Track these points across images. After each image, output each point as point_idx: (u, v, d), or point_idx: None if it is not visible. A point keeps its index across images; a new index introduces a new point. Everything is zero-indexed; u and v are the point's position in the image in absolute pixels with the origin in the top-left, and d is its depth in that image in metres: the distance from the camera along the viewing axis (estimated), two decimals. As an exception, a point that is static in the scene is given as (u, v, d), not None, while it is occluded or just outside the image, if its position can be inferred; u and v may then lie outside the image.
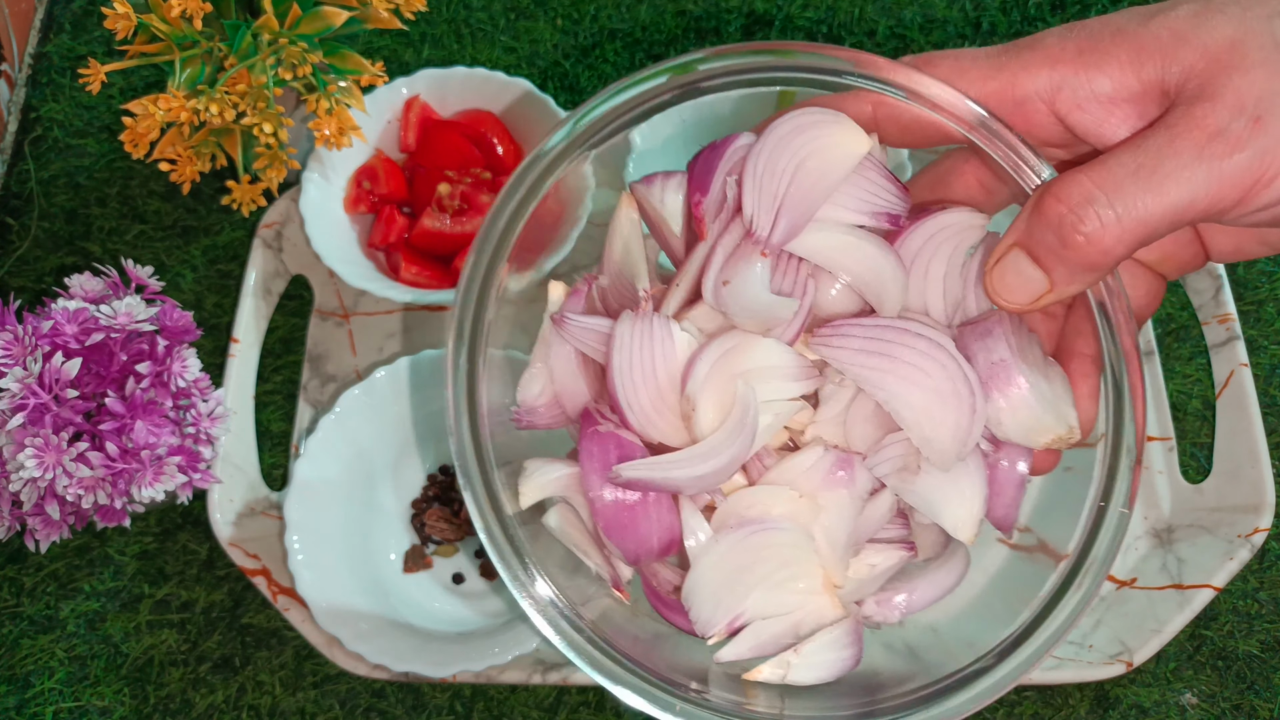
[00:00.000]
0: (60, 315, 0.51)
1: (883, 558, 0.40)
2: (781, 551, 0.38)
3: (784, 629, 0.38)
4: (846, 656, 0.39)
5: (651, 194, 0.40)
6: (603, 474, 0.37)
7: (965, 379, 0.36)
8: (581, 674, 0.56)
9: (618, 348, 0.38)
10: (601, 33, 0.76)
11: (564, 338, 0.40)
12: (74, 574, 0.61)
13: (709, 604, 0.38)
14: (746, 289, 0.37)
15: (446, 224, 0.63)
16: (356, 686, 0.58)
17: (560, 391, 0.40)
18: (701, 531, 0.38)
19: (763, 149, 0.37)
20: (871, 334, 0.37)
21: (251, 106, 0.56)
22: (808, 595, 0.38)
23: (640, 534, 0.38)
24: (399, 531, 0.61)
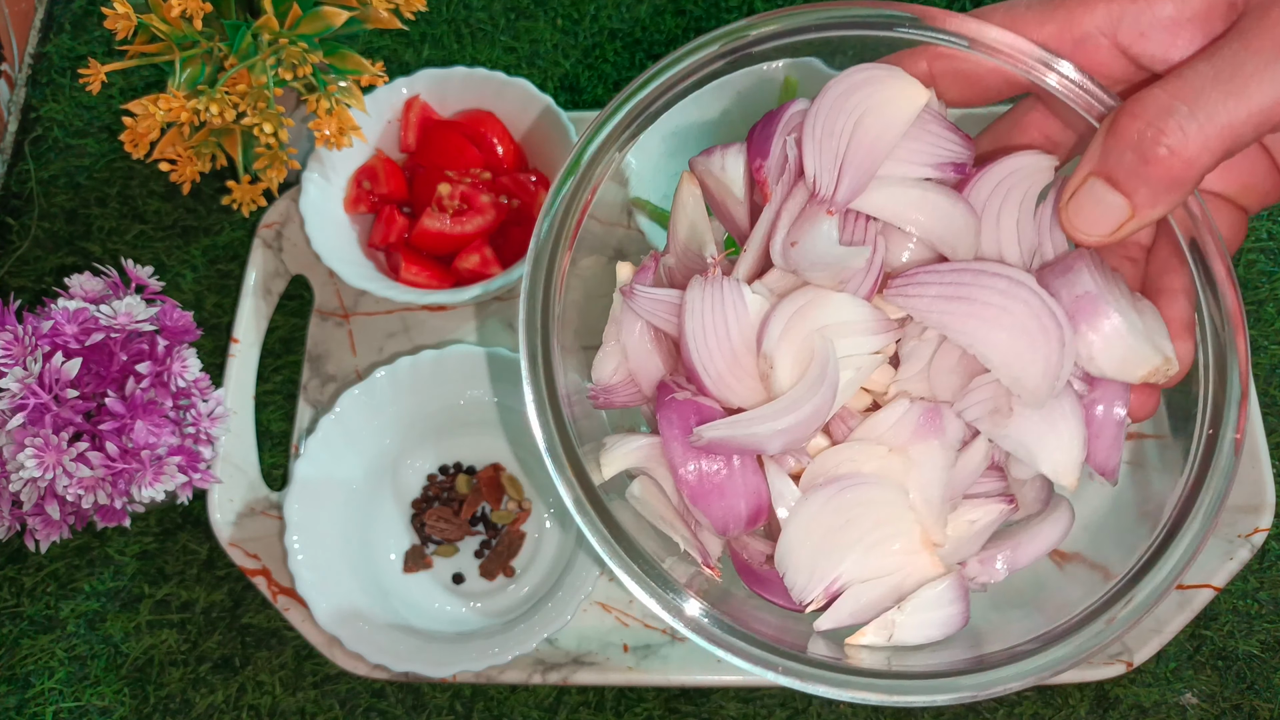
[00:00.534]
0: (60, 315, 0.51)
1: (982, 513, 0.38)
2: (875, 509, 0.37)
3: (884, 593, 0.37)
4: (954, 614, 0.37)
5: (712, 164, 0.40)
6: (684, 440, 0.36)
7: (1050, 313, 0.35)
8: (582, 674, 0.56)
9: (690, 313, 0.37)
10: (601, 33, 0.76)
11: (635, 311, 0.39)
12: (74, 574, 0.61)
13: (804, 569, 0.37)
14: (815, 246, 0.36)
15: (446, 224, 0.63)
16: (356, 686, 0.58)
17: (635, 368, 0.40)
18: (790, 493, 0.37)
19: (819, 109, 0.37)
20: (948, 279, 0.36)
21: (252, 107, 0.56)
22: (906, 555, 0.37)
23: (727, 500, 0.37)
24: (399, 531, 0.61)
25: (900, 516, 0.37)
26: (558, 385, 0.38)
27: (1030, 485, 0.39)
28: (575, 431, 0.38)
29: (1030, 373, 0.35)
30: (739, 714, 0.57)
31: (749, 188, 0.40)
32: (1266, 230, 0.68)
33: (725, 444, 0.37)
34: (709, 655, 0.56)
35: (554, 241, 0.39)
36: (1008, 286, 0.36)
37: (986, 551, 0.39)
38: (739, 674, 0.56)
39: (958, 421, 0.37)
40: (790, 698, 0.58)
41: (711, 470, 0.37)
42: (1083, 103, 0.36)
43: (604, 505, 0.37)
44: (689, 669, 0.56)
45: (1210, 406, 0.36)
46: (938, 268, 0.37)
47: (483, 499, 0.61)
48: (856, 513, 0.37)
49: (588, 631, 0.58)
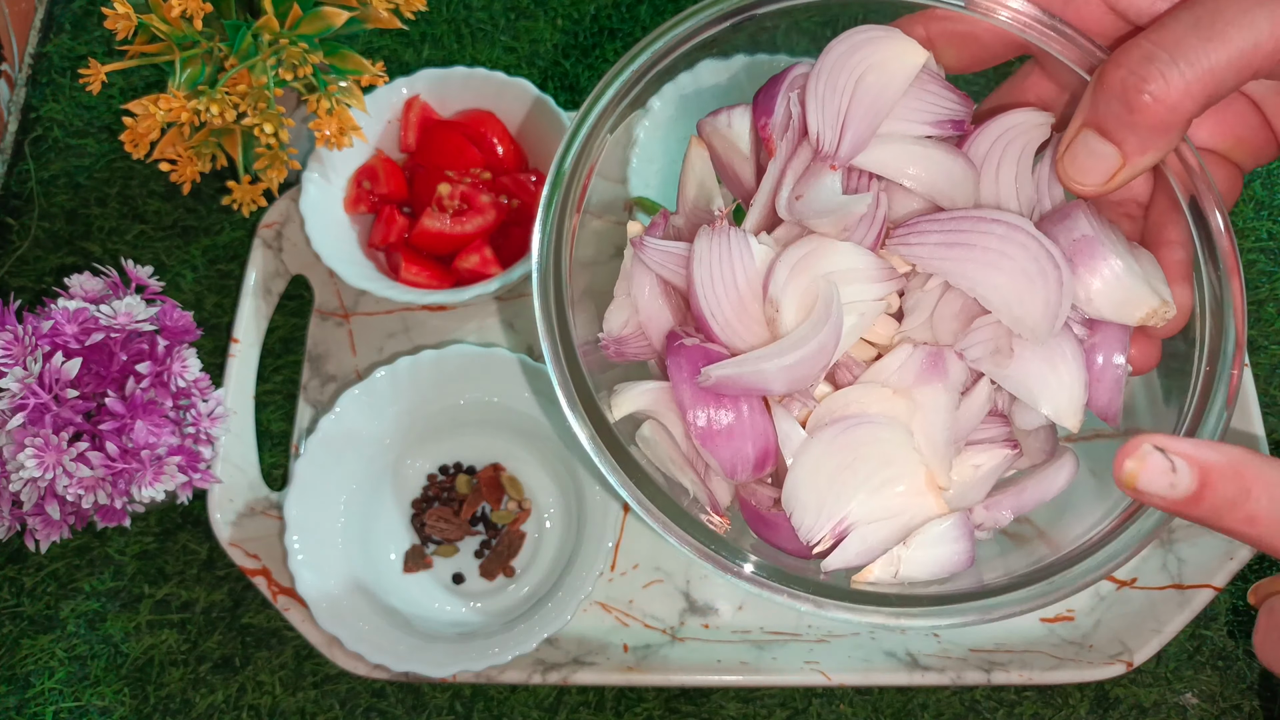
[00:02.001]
0: (60, 315, 0.51)
1: (986, 457, 0.39)
2: (881, 448, 0.37)
3: (891, 533, 0.38)
4: (958, 551, 0.38)
5: (719, 123, 0.41)
6: (693, 383, 0.37)
7: (1048, 254, 0.36)
8: (582, 674, 0.56)
9: (698, 262, 0.38)
10: (601, 33, 0.76)
11: (645, 263, 0.40)
12: (74, 574, 0.61)
13: (811, 509, 0.37)
14: (819, 197, 0.38)
15: (446, 224, 0.63)
16: (356, 686, 0.58)
17: (645, 320, 0.41)
18: (797, 436, 0.38)
19: (822, 68, 0.38)
20: (947, 227, 0.37)
21: (252, 107, 0.56)
22: (912, 496, 0.38)
23: (735, 443, 0.38)
24: (399, 531, 0.61)
25: (906, 457, 0.38)
26: (571, 333, 0.38)
27: (1035, 436, 0.40)
28: (591, 380, 0.38)
29: (1030, 312, 0.36)
30: (739, 714, 0.57)
31: (755, 146, 0.41)
32: (1267, 230, 0.68)
33: (732, 383, 0.37)
34: (708, 655, 0.57)
35: (564, 197, 0.39)
36: (1005, 231, 0.37)
37: (992, 498, 0.40)
38: (739, 674, 0.56)
39: (960, 364, 0.38)
40: (790, 698, 0.58)
41: (720, 413, 0.38)
42: (1076, 59, 0.37)
43: (620, 444, 0.37)
44: (689, 669, 0.56)
45: (1207, 347, 0.37)
46: (937, 216, 0.38)
47: (483, 499, 0.61)
48: (862, 452, 0.37)
49: (588, 631, 0.58)
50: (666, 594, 0.59)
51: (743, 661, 0.56)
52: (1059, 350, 0.37)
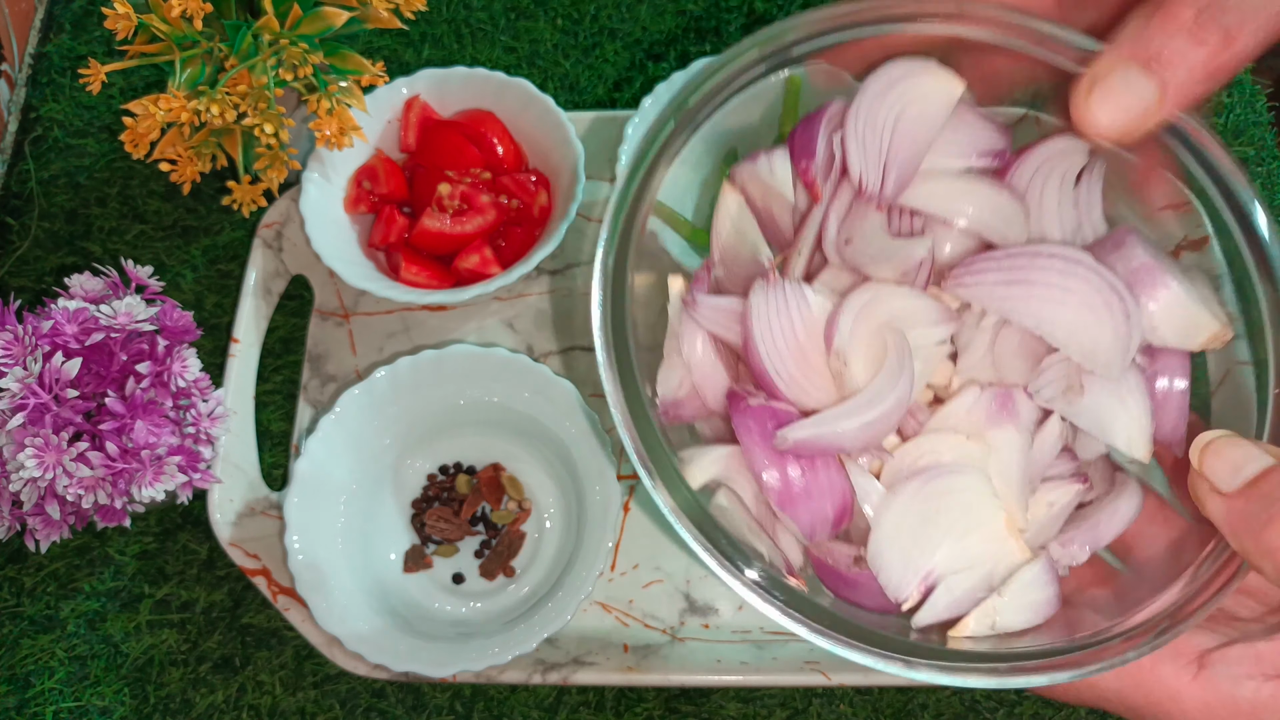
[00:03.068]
0: (60, 315, 0.51)
1: (1059, 494, 0.39)
2: (962, 496, 0.37)
3: (975, 582, 0.37)
4: (1050, 596, 0.37)
5: (758, 169, 0.40)
6: (765, 446, 0.36)
7: (1111, 287, 0.36)
8: (582, 674, 0.56)
9: (755, 318, 0.37)
10: (601, 32, 0.76)
11: (696, 321, 0.39)
12: (74, 574, 0.61)
13: (898, 564, 0.36)
14: (871, 241, 0.37)
15: (446, 224, 0.63)
16: (356, 686, 0.58)
17: (699, 380, 0.39)
18: (875, 491, 0.37)
19: (859, 107, 0.38)
20: (1005, 264, 0.37)
21: (252, 107, 0.56)
22: (994, 542, 0.37)
23: (814, 503, 0.37)
24: (399, 531, 0.61)
25: (986, 503, 0.37)
26: (644, 401, 0.36)
27: (1094, 468, 0.40)
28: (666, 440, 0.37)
29: (1101, 347, 0.36)
30: (739, 714, 0.57)
31: (797, 191, 0.40)
32: (1266, 230, 0.68)
33: (810, 444, 0.36)
34: (708, 655, 0.57)
35: (619, 257, 0.38)
36: (1065, 265, 0.36)
37: (1065, 534, 0.39)
38: (738, 674, 0.56)
39: (1029, 403, 0.37)
40: (790, 698, 0.58)
41: (796, 474, 0.37)
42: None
43: (707, 513, 0.35)
44: (689, 669, 0.56)
45: (1271, 369, 0.37)
46: (993, 255, 0.37)
47: (483, 499, 0.61)
48: (944, 502, 0.37)
49: (588, 631, 0.58)
50: (666, 594, 0.59)
51: (743, 661, 0.57)
52: (1125, 382, 0.37)
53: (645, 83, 0.74)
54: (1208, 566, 0.36)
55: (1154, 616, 0.35)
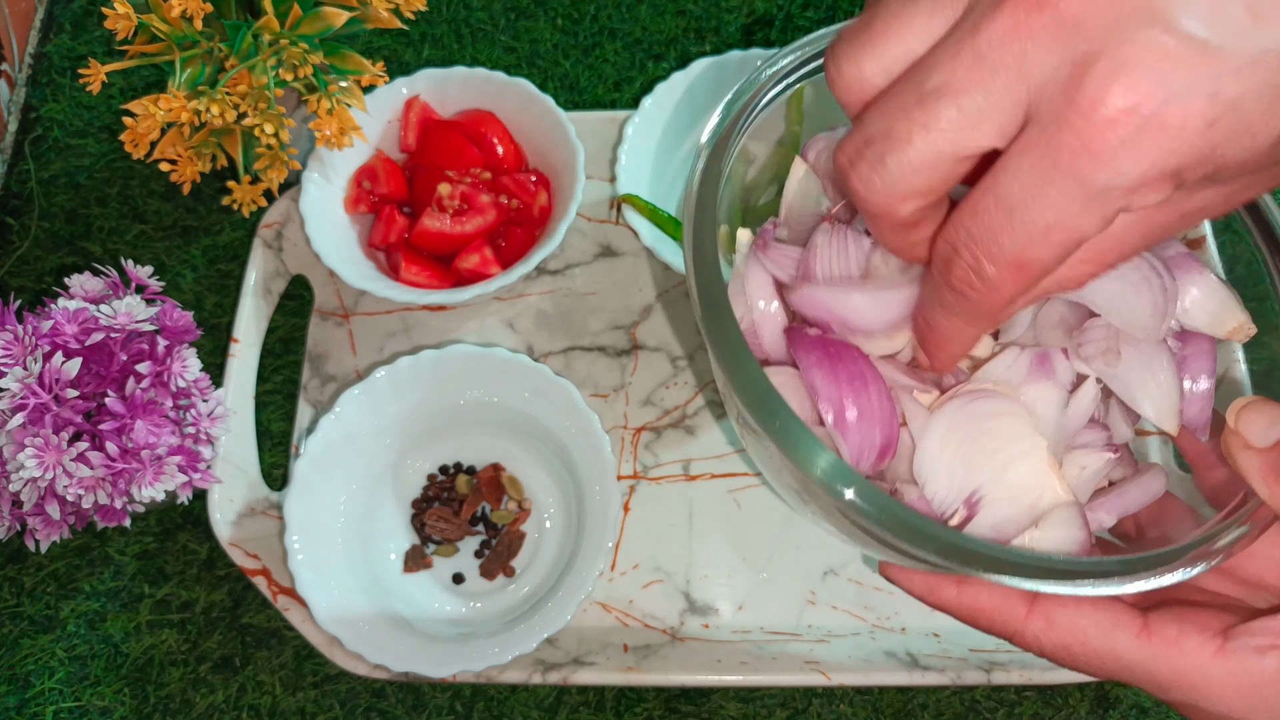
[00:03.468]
0: (60, 315, 0.51)
1: (1091, 459, 0.40)
2: (1004, 422, 0.38)
3: (1020, 510, 0.38)
4: (1081, 536, 0.39)
5: (834, 140, 0.43)
6: (822, 369, 0.38)
7: (1151, 265, 0.38)
8: (582, 674, 0.56)
9: (819, 254, 0.40)
10: (601, 33, 0.76)
11: (761, 264, 0.42)
12: (74, 574, 0.61)
13: (943, 480, 0.38)
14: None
15: (447, 224, 0.63)
16: (356, 686, 0.58)
17: (758, 319, 0.42)
18: (922, 413, 0.39)
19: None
20: None
21: (252, 107, 0.56)
22: (1037, 476, 0.38)
23: (864, 426, 0.39)
24: (399, 531, 0.61)
25: (1028, 434, 0.39)
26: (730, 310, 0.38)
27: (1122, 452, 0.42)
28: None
29: (1140, 314, 0.38)
30: (739, 714, 0.57)
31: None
32: (1267, 230, 0.68)
33: (819, 304, 0.39)
34: (708, 655, 0.57)
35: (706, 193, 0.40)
36: None
37: (1094, 501, 0.41)
38: (738, 674, 0.56)
39: (1066, 364, 0.40)
40: (790, 698, 0.58)
41: (850, 400, 0.39)
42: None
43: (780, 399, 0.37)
44: (689, 669, 0.56)
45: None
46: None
47: (483, 499, 0.61)
48: (989, 425, 0.38)
49: (588, 631, 0.58)
50: (666, 594, 0.59)
51: (743, 661, 0.56)
52: (1156, 358, 0.39)
53: (645, 83, 0.74)
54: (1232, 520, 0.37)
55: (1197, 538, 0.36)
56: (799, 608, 0.58)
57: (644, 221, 0.63)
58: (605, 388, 0.64)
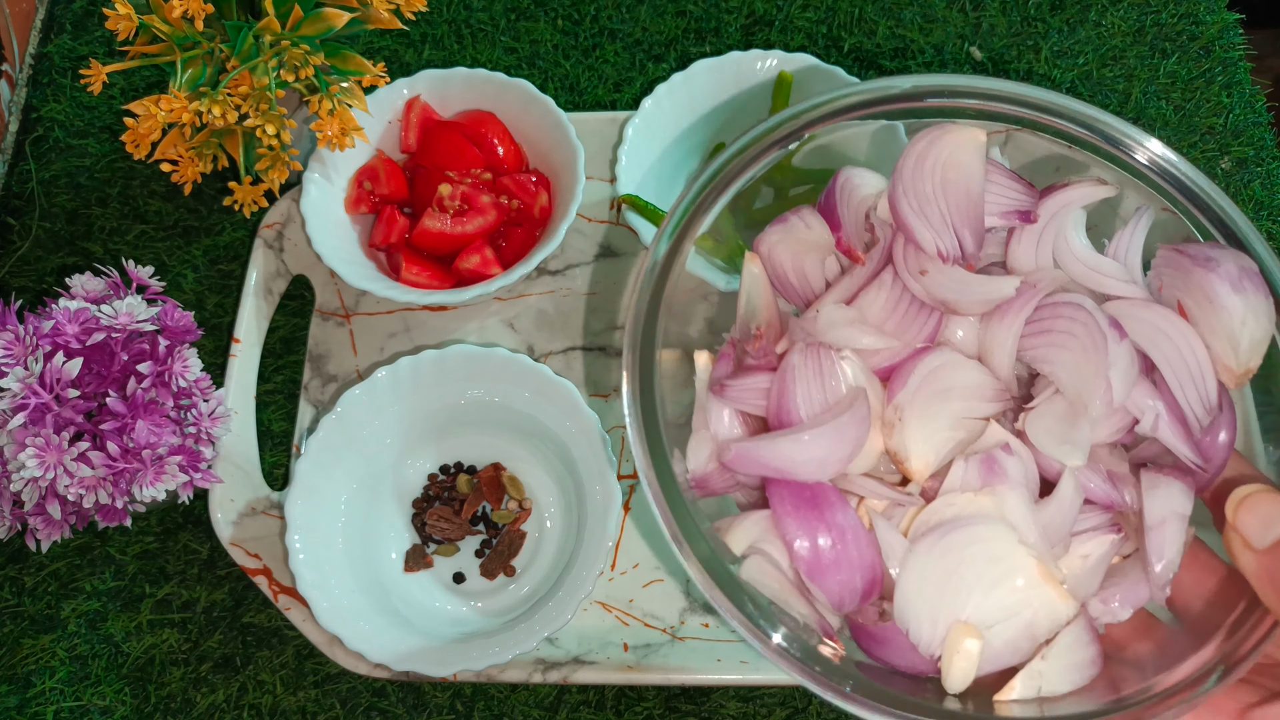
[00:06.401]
0: (61, 315, 0.51)
1: (1093, 545, 0.39)
2: (985, 546, 0.37)
3: (1017, 633, 0.37)
4: (1093, 655, 0.37)
5: (793, 228, 0.43)
6: (798, 516, 0.38)
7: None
8: (583, 673, 0.56)
9: (794, 379, 0.39)
10: (602, 33, 0.76)
11: (725, 402, 0.41)
12: (75, 573, 0.61)
13: (926, 619, 0.37)
14: (952, 276, 0.40)
15: (447, 224, 0.63)
16: (357, 685, 0.58)
17: (730, 462, 0.40)
18: (900, 545, 0.38)
19: (902, 185, 0.40)
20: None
21: (254, 108, 0.56)
22: (1030, 590, 0.37)
23: (843, 574, 0.38)
24: (400, 531, 0.61)
25: (1013, 551, 0.37)
26: (673, 472, 0.37)
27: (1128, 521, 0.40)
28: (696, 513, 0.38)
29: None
30: (739, 713, 0.57)
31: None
32: (1266, 230, 0.68)
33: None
34: (708, 654, 0.57)
35: (646, 332, 0.39)
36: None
37: (1106, 591, 0.39)
38: (738, 673, 0.56)
39: (1013, 458, 0.38)
40: (790, 697, 0.58)
41: (826, 544, 0.37)
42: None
43: (735, 579, 0.37)
44: (689, 668, 0.56)
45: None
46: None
47: (483, 498, 0.61)
48: (969, 551, 0.37)
49: (588, 631, 0.58)
50: (666, 593, 0.59)
51: (743, 661, 0.57)
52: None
53: (645, 84, 0.74)
54: (1246, 619, 0.36)
55: (1193, 673, 0.35)
56: (799, 607, 0.59)
57: (644, 222, 0.63)
58: (605, 387, 0.64)
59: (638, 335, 0.39)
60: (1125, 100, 0.73)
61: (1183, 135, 0.71)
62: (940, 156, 0.40)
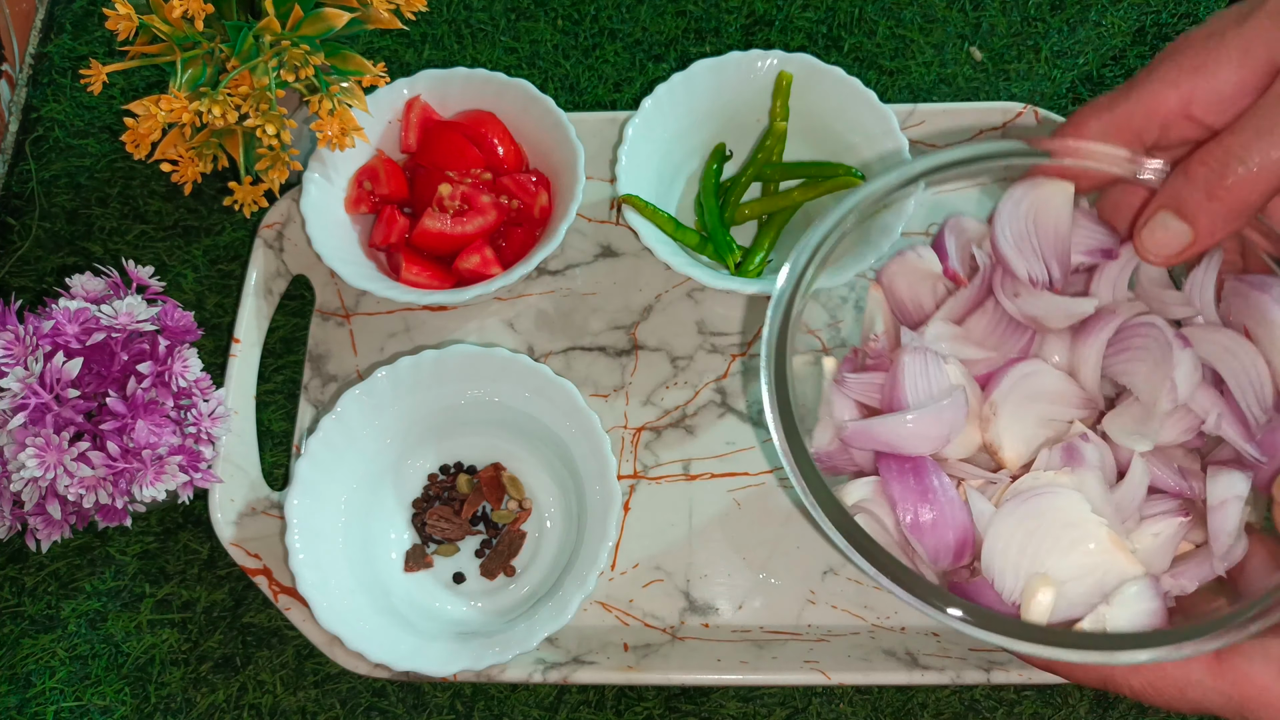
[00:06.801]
0: (61, 315, 0.51)
1: (1162, 525, 0.45)
2: (1060, 513, 0.44)
3: (1089, 589, 0.43)
4: (1154, 609, 0.43)
5: (908, 260, 0.51)
6: (904, 486, 0.45)
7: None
8: (583, 673, 0.56)
9: (906, 376, 0.47)
10: (602, 33, 0.76)
11: (845, 393, 0.49)
12: (75, 573, 0.61)
13: (1009, 572, 0.44)
14: (1040, 299, 0.48)
15: (447, 224, 0.63)
16: (357, 685, 0.58)
17: (848, 439, 0.48)
18: (988, 509, 0.45)
19: (1000, 225, 0.48)
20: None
21: (254, 108, 0.56)
22: (1102, 555, 0.43)
23: (938, 532, 0.45)
24: (400, 531, 0.61)
25: (1086, 518, 0.44)
26: (808, 453, 0.44)
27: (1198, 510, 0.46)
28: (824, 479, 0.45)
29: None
30: (739, 713, 0.58)
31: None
32: (1265, 230, 0.68)
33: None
34: (709, 654, 0.57)
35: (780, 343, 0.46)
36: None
37: (1177, 568, 0.45)
38: (738, 673, 0.56)
39: (1090, 446, 0.45)
40: (790, 697, 0.58)
41: (924, 508, 0.45)
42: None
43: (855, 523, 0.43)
44: (689, 668, 0.56)
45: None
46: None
47: (483, 498, 0.61)
48: (1046, 517, 0.44)
49: (588, 631, 0.58)
50: (666, 593, 0.59)
51: (743, 661, 0.57)
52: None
53: (645, 84, 0.74)
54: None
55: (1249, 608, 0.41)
56: (799, 607, 0.59)
57: (644, 222, 0.63)
58: (605, 387, 0.64)
59: (773, 345, 0.46)
60: (1125, 100, 0.73)
61: (1183, 135, 0.71)
62: (1035, 202, 0.48)
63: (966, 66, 0.74)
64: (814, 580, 0.59)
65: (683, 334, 0.65)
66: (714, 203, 0.66)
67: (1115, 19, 0.76)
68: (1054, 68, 0.74)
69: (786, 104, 0.66)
